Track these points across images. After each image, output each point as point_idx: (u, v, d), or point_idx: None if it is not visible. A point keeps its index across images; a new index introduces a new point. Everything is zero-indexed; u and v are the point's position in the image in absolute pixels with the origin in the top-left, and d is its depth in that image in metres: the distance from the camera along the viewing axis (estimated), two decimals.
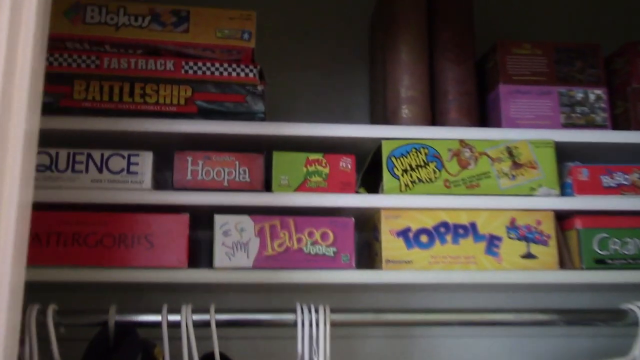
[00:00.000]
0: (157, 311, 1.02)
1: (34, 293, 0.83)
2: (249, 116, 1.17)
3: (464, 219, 1.16)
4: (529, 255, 1.15)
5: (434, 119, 1.24)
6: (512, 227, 1.16)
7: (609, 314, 1.11)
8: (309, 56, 1.46)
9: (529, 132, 1.20)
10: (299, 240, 1.11)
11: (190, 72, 1.16)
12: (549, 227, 1.16)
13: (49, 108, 1.10)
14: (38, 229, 1.06)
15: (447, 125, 1.22)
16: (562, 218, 1.20)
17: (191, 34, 1.12)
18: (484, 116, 1.30)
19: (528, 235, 1.16)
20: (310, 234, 1.12)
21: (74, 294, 1.21)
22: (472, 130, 1.19)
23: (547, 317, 1.11)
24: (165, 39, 1.11)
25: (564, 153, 1.23)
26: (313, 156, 1.16)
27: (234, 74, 1.17)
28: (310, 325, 1.03)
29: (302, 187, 1.14)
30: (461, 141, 1.18)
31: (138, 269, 1.07)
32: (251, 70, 1.17)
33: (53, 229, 1.06)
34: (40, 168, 1.09)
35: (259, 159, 1.14)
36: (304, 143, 1.18)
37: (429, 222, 1.15)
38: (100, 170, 1.10)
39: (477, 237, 1.15)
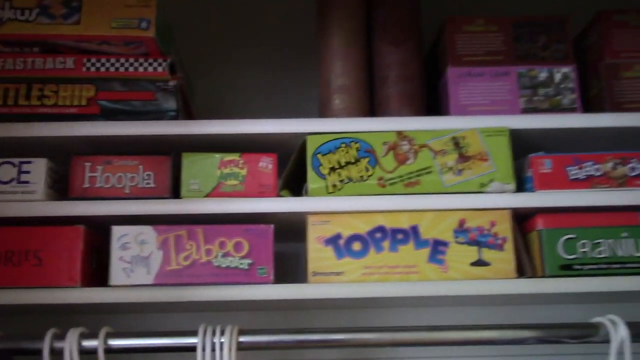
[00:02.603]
0: (42, 337, 0.90)
1: None
2: (159, 115, 1.04)
3: (403, 223, 0.99)
4: (480, 262, 0.98)
5: (373, 109, 1.09)
6: (461, 229, 0.99)
7: (579, 329, 0.92)
8: (257, 51, 1.33)
9: (478, 119, 1.03)
10: (208, 252, 0.97)
11: (93, 69, 1.05)
12: (504, 228, 0.99)
13: None
14: None
15: (388, 116, 1.07)
16: (523, 218, 1.02)
17: (83, 26, 1.00)
18: (437, 108, 1.14)
19: (480, 239, 0.99)
20: (222, 245, 0.98)
21: None
22: (411, 120, 1.04)
23: (518, 333, 0.93)
24: (54, 32, 1.00)
25: (528, 143, 1.06)
26: (228, 157, 1.02)
27: (141, 69, 1.05)
28: (214, 349, 0.89)
29: (214, 192, 1.01)
30: (399, 133, 1.02)
31: (25, 288, 0.95)
32: (160, 64, 1.05)
33: None
34: None
35: (166, 162, 1.02)
36: (221, 143, 1.05)
37: (363, 227, 0.99)
38: None
39: (419, 242, 0.99)
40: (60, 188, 1.02)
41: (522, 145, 1.05)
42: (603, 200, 0.98)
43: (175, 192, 1.02)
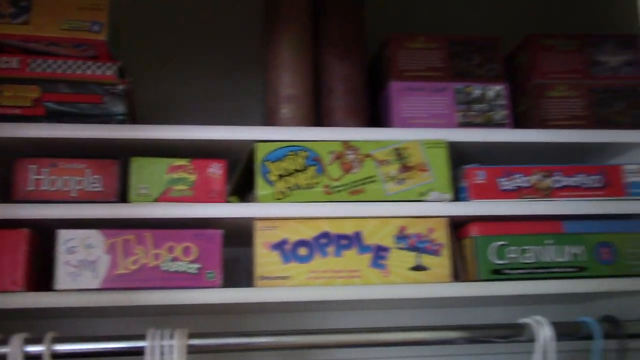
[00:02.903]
0: None
1: None
2: (107, 118, 1.04)
3: (347, 229, 1.04)
4: (419, 267, 1.03)
5: (320, 119, 1.13)
6: (401, 236, 1.04)
7: (507, 329, 0.99)
8: (202, 58, 1.34)
9: (419, 131, 1.09)
10: (157, 256, 0.98)
11: (39, 70, 1.03)
12: (441, 235, 1.05)
13: None
14: None
15: (335, 126, 1.11)
16: (458, 226, 1.09)
17: (33, 26, 0.99)
18: (379, 119, 1.19)
19: (418, 245, 1.04)
20: (170, 249, 0.99)
21: None
22: (356, 130, 1.08)
23: (448, 334, 0.99)
24: (1, 31, 0.98)
25: (463, 155, 1.12)
26: (177, 162, 1.03)
27: (89, 71, 1.04)
28: (163, 353, 0.90)
29: (163, 197, 1.02)
30: (345, 143, 1.07)
31: None
32: (109, 68, 1.05)
33: None
34: None
35: (114, 166, 1.02)
36: (170, 149, 1.06)
37: (309, 233, 1.03)
38: None
39: (362, 248, 1.03)
40: (4, 191, 1.00)
41: (458, 157, 1.11)
42: (530, 210, 1.06)
43: (123, 197, 1.02)
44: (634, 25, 1.17)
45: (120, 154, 1.03)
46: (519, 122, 1.18)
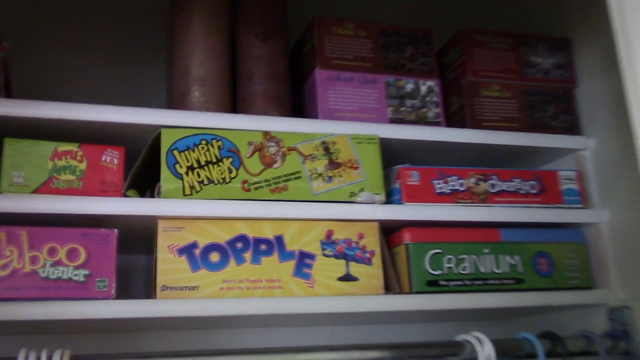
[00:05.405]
0: None
1: None
2: None
3: (267, 232, 0.90)
4: (348, 277, 0.91)
5: (236, 106, 0.99)
6: (329, 241, 0.92)
7: (444, 347, 0.89)
8: (98, 31, 1.15)
9: (349, 125, 0.98)
10: (34, 259, 0.79)
11: None
12: (373, 241, 0.93)
13: None
14: None
15: (253, 114, 0.97)
16: (390, 231, 0.98)
17: None
18: (301, 111, 1.06)
19: (347, 252, 0.92)
20: (52, 252, 0.80)
21: None
22: (280, 120, 0.95)
23: (379, 353, 0.86)
24: None
25: (393, 153, 1.02)
26: (63, 147, 0.85)
27: None
28: None
29: (44, 188, 0.83)
30: (266, 133, 0.93)
31: None
32: None
33: None
34: None
35: None
36: (57, 132, 0.88)
37: (222, 236, 0.88)
38: None
39: (284, 254, 0.90)
40: None
41: (389, 156, 1.01)
42: (466, 216, 0.97)
43: None
44: (563, 29, 1.14)
45: None
46: (449, 121, 1.09)
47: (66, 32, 1.16)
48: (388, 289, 0.93)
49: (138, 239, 0.91)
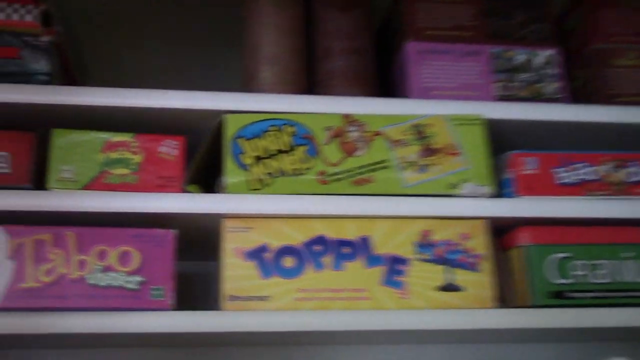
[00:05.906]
0: None
1: None
2: (25, 78, 0.79)
3: (350, 232, 0.76)
4: (450, 287, 0.75)
5: (313, 86, 0.86)
6: (425, 243, 0.76)
7: None
8: (171, 18, 1.07)
9: (446, 104, 0.82)
10: (82, 264, 0.70)
11: None
12: (479, 243, 0.77)
13: None
14: None
15: (331, 95, 0.83)
16: (501, 231, 0.80)
17: None
18: (390, 91, 0.92)
19: (448, 256, 0.76)
20: (101, 255, 0.70)
21: None
22: (362, 100, 0.81)
23: None
24: None
25: (500, 138, 0.85)
26: (117, 137, 0.76)
27: (1, 15, 0.77)
28: None
29: (95, 184, 0.74)
30: (346, 116, 0.79)
31: None
32: (29, 12, 0.78)
33: None
34: None
35: (27, 141, 0.75)
36: (110, 121, 0.79)
37: (297, 237, 0.75)
38: None
39: (371, 259, 0.75)
40: None
41: (495, 140, 0.84)
42: (600, 211, 0.78)
43: (39, 181, 0.74)
44: None
45: (39, 125, 0.76)
46: (573, 99, 0.90)
47: (144, 21, 1.08)
48: (501, 301, 0.76)
49: (196, 242, 0.80)
